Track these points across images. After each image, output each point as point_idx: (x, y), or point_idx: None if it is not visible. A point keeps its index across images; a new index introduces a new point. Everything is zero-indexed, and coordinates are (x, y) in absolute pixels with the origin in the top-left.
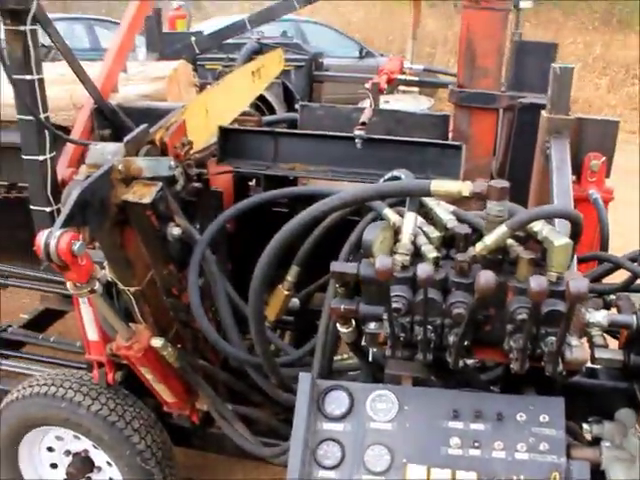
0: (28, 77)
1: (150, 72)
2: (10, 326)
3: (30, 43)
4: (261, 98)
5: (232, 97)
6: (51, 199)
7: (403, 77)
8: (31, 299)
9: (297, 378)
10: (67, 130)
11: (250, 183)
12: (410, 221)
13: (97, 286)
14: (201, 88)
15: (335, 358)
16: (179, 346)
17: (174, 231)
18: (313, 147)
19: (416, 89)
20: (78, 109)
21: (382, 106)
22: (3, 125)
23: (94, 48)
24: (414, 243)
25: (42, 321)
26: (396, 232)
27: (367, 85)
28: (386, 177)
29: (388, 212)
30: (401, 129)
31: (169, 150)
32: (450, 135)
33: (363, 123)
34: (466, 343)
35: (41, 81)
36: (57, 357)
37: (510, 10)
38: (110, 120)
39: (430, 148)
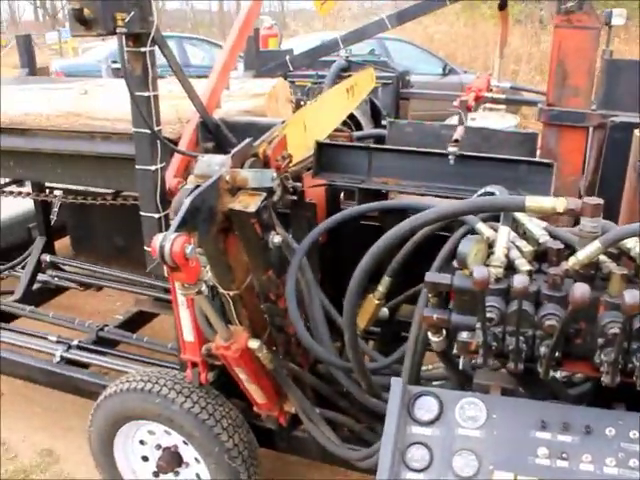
0: (146, 94)
1: (250, 89)
2: (107, 325)
3: (148, 63)
4: (349, 114)
5: (328, 113)
6: (159, 206)
7: (490, 95)
8: (122, 302)
9: (385, 385)
10: (174, 142)
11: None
12: (504, 235)
13: (203, 287)
14: (296, 104)
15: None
16: (273, 348)
17: (275, 239)
18: (406, 163)
19: (502, 106)
20: (183, 123)
21: (469, 123)
22: (117, 137)
23: (184, 64)
24: (507, 256)
25: (135, 322)
26: (490, 245)
27: (455, 103)
28: (480, 192)
29: (482, 226)
30: (488, 146)
31: (271, 163)
32: (538, 153)
33: (456, 140)
34: (557, 355)
35: (156, 97)
36: (148, 357)
37: (601, 28)
38: (214, 134)
39: (521, 165)
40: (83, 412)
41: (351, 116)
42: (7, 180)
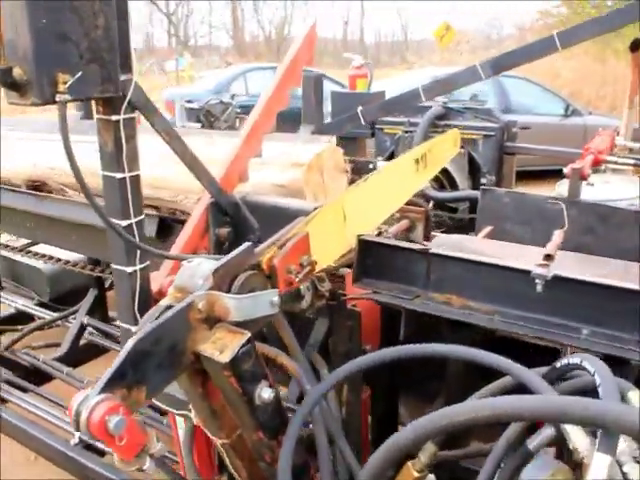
0: (118, 175)
1: (289, 156)
2: None
3: (122, 134)
4: (442, 169)
5: (384, 195)
6: (138, 317)
7: (614, 159)
8: None
9: None
10: (182, 222)
11: None
12: (603, 468)
13: (147, 465)
14: (354, 171)
15: None
16: None
17: (264, 394)
18: (477, 276)
19: (630, 168)
20: None
21: (584, 191)
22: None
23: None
24: None
25: None
26: (575, 463)
27: (566, 170)
28: (562, 364)
29: (575, 433)
30: (605, 229)
31: (278, 276)
32: None
33: (548, 256)
34: None
35: (135, 179)
36: None
37: None
38: (231, 216)
39: None
40: None
41: (444, 171)
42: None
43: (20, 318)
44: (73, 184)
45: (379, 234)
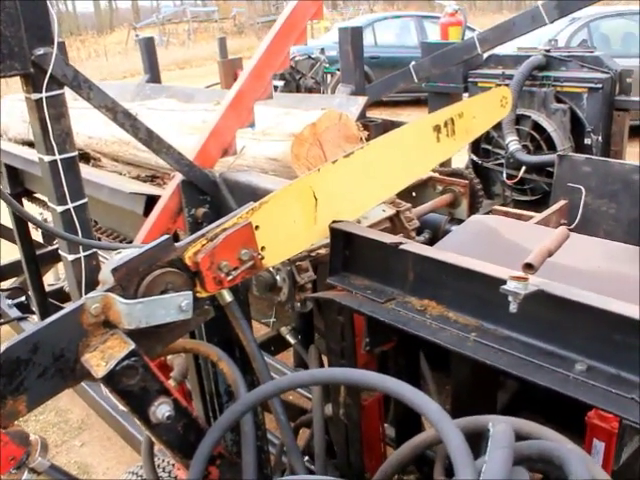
0: (46, 158)
1: (284, 125)
2: None
3: (46, 114)
4: (537, 127)
5: (379, 172)
6: None
7: None
8: None
9: None
10: None
11: None
12: None
13: (24, 478)
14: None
15: None
16: None
17: (159, 412)
18: (461, 282)
19: None
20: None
21: None
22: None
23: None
24: None
25: None
26: None
27: None
28: None
29: None
30: None
31: (204, 274)
32: None
33: (529, 266)
34: None
35: (69, 162)
36: None
37: None
38: (210, 195)
39: None
40: None
41: (542, 130)
42: None
43: None
44: (109, 153)
45: (397, 214)
